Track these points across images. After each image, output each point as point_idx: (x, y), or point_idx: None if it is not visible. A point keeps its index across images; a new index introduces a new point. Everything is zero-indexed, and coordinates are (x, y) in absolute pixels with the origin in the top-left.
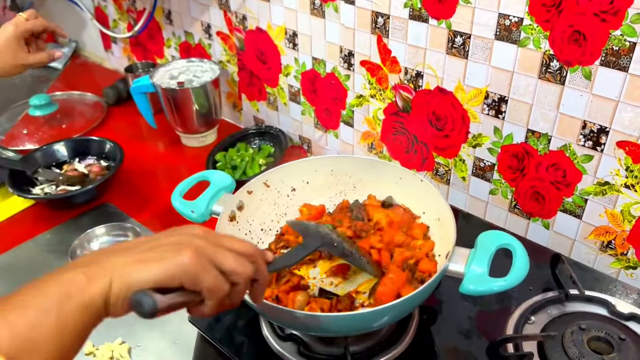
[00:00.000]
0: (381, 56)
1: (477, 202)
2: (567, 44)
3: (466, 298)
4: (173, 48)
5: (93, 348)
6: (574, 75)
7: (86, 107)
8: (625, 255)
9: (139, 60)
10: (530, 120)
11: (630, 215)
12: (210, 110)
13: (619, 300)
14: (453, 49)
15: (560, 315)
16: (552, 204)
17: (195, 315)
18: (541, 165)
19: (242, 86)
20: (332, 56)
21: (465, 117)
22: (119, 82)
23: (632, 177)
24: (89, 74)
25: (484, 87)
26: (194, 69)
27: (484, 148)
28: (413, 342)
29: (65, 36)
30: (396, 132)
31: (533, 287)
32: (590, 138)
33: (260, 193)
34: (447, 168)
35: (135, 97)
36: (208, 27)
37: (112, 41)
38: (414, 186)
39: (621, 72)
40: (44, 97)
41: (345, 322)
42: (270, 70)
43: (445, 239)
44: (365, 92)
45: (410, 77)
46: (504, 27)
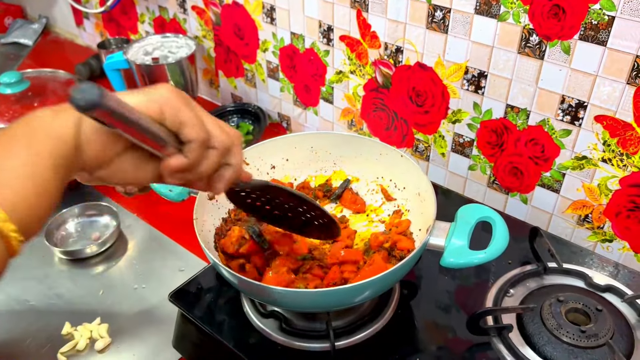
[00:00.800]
0: (361, 31)
1: (456, 178)
2: (546, 18)
3: (445, 273)
4: (147, 23)
5: (71, 329)
6: (553, 50)
7: (58, 85)
8: (602, 229)
9: (112, 36)
10: (509, 96)
11: (607, 189)
12: (186, 87)
13: (596, 272)
14: (433, 24)
15: (538, 288)
16: (531, 179)
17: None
18: (520, 141)
19: (219, 62)
20: (311, 31)
21: (445, 92)
22: (91, 59)
23: (609, 151)
24: (60, 50)
25: (464, 63)
26: (169, 45)
27: (463, 124)
28: (394, 316)
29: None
30: (376, 109)
31: (512, 260)
32: (568, 113)
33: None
34: (427, 144)
35: (108, 73)
36: (183, 2)
37: (84, 17)
38: (394, 162)
39: (600, 47)
40: (15, 75)
41: (326, 298)
42: (248, 45)
43: (426, 214)
44: (344, 68)
45: (390, 53)
46: (484, 1)
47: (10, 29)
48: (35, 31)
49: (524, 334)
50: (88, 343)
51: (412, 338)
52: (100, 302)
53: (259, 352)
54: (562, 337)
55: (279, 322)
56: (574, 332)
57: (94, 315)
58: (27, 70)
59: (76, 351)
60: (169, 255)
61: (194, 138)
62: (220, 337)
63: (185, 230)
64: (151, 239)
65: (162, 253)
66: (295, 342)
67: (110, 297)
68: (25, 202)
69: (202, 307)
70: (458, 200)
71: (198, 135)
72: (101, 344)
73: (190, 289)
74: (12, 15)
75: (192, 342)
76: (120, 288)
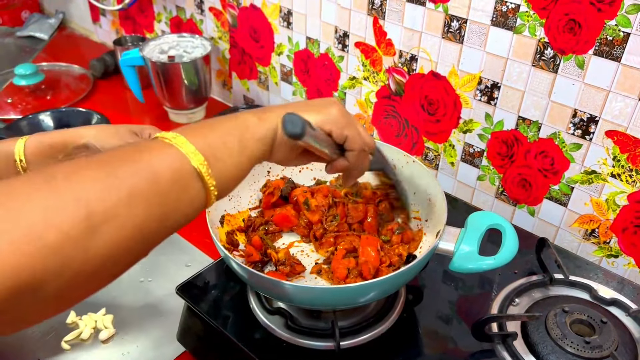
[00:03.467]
0: (376, 38)
1: (464, 188)
2: (562, 32)
3: (450, 281)
4: (164, 23)
5: (76, 318)
6: (567, 64)
7: (72, 79)
8: (608, 244)
9: (127, 34)
10: (521, 107)
11: (615, 205)
12: (199, 87)
13: (601, 286)
14: (449, 34)
15: (544, 298)
16: (539, 191)
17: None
18: (530, 153)
19: (233, 64)
20: (326, 36)
21: (458, 102)
22: (106, 55)
23: (618, 167)
24: (75, 46)
25: (478, 73)
26: (185, 45)
27: (474, 134)
28: (399, 320)
29: None
30: (387, 116)
31: (517, 270)
32: (579, 127)
33: (252, 168)
34: (437, 153)
35: (124, 69)
36: (201, 3)
37: (101, 13)
38: (405, 166)
39: (614, 62)
40: (30, 67)
41: (331, 296)
42: (263, 48)
43: (436, 220)
44: (358, 74)
45: (404, 61)
46: (500, 13)
47: (27, 23)
48: (51, 26)
49: (528, 342)
50: (92, 333)
51: (416, 342)
52: (105, 294)
53: (264, 347)
54: (566, 347)
55: (285, 320)
56: (578, 343)
57: (100, 305)
58: (42, 63)
59: (80, 340)
60: (175, 251)
61: (355, 148)
62: (226, 331)
63: (193, 226)
64: None
65: (169, 248)
66: (300, 340)
67: (116, 289)
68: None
69: (209, 302)
70: (466, 209)
71: (359, 147)
72: (105, 334)
73: (197, 283)
74: (29, 9)
75: (196, 336)
76: (126, 280)
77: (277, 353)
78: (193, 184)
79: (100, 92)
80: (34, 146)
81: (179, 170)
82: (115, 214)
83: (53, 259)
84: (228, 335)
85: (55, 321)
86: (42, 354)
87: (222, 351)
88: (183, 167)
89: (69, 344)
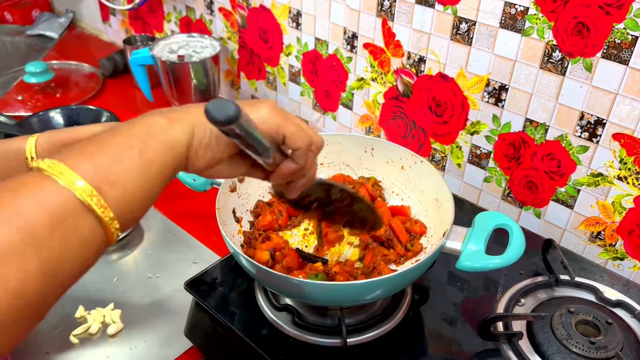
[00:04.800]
0: (385, 39)
1: (471, 189)
2: (570, 35)
3: (455, 282)
4: (173, 23)
5: (85, 312)
6: (575, 67)
7: (81, 77)
8: (614, 247)
9: (137, 33)
10: (529, 110)
11: (621, 207)
12: (208, 87)
13: (607, 287)
14: (457, 35)
15: (549, 299)
16: (545, 194)
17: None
18: (537, 155)
19: (242, 64)
20: (335, 37)
21: (465, 104)
22: (115, 54)
23: (625, 169)
24: (84, 45)
25: (486, 75)
26: (194, 44)
27: (481, 135)
28: (405, 319)
29: None
30: (395, 117)
31: (523, 271)
32: (586, 129)
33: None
34: (444, 154)
35: (133, 68)
36: (210, 3)
37: (111, 13)
38: (413, 167)
39: (622, 65)
40: (41, 65)
41: (338, 292)
42: (272, 49)
43: (442, 220)
44: (366, 75)
45: (412, 62)
46: (509, 16)
47: (37, 22)
48: (61, 25)
49: (534, 342)
50: (101, 327)
51: (421, 341)
52: (114, 289)
53: (271, 343)
54: (571, 348)
55: (292, 316)
56: (583, 343)
57: (108, 301)
58: (52, 61)
59: (89, 334)
60: (183, 248)
61: (300, 146)
62: (233, 327)
63: (201, 224)
64: (167, 231)
65: (177, 245)
66: (306, 336)
67: (124, 284)
68: (130, 203)
69: (217, 297)
70: (472, 210)
71: (303, 143)
72: (113, 328)
73: (206, 279)
74: (39, 8)
75: (204, 332)
76: (135, 276)
77: (284, 349)
78: (83, 223)
79: (109, 91)
80: (46, 143)
81: (60, 211)
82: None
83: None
84: (235, 331)
85: (63, 315)
86: (50, 348)
87: (230, 347)
88: (66, 205)
89: (77, 338)
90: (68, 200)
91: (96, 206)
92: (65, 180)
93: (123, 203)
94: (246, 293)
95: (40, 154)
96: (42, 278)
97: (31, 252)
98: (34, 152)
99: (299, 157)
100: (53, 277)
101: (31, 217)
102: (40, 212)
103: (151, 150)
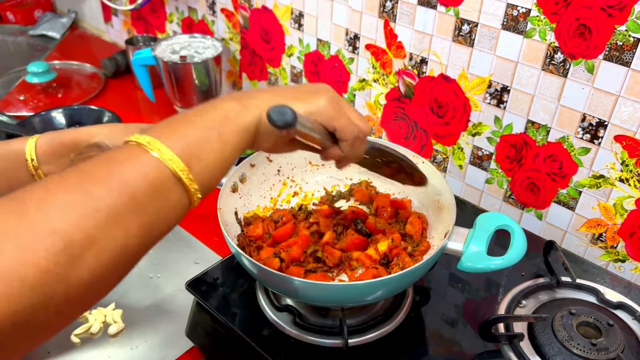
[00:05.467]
0: (387, 41)
1: (472, 191)
2: (572, 37)
3: (456, 284)
4: (175, 23)
5: (86, 312)
6: (577, 68)
7: (83, 78)
8: (615, 249)
9: (139, 34)
10: (530, 111)
11: (623, 209)
12: (210, 87)
13: (608, 289)
14: (459, 37)
15: (550, 301)
16: (547, 195)
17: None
18: (538, 156)
19: (244, 65)
20: (337, 38)
21: (467, 105)
22: (117, 55)
23: (627, 171)
24: (86, 45)
25: (488, 76)
26: (196, 45)
27: (483, 137)
28: (406, 320)
29: None
30: (396, 118)
31: (525, 273)
32: (588, 131)
33: (262, 167)
34: (445, 156)
35: (135, 69)
36: (213, 4)
37: (113, 13)
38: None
39: (623, 67)
40: (43, 65)
41: (339, 293)
42: (274, 50)
43: (444, 221)
44: (368, 76)
45: (414, 63)
46: (511, 17)
47: (40, 22)
48: (63, 25)
49: (535, 343)
50: (102, 327)
51: (422, 342)
52: (115, 289)
53: (272, 344)
54: (572, 349)
55: (293, 317)
56: (584, 345)
57: (109, 300)
58: (54, 61)
59: (90, 334)
60: (185, 248)
61: (348, 138)
62: (235, 327)
63: (202, 224)
64: None
65: (179, 245)
66: (308, 337)
67: (126, 284)
68: (211, 176)
69: (218, 297)
70: (474, 211)
71: (351, 136)
72: (114, 328)
73: (207, 279)
74: (42, 9)
75: (205, 332)
76: (136, 276)
77: (285, 349)
78: (174, 191)
79: (111, 91)
80: (46, 145)
81: (157, 180)
82: (93, 240)
83: (36, 295)
84: (236, 331)
85: None
86: (51, 347)
87: (231, 347)
88: (161, 176)
89: (79, 337)
90: (163, 173)
91: (186, 179)
92: (162, 155)
93: (205, 176)
94: (247, 293)
95: (40, 156)
96: (140, 236)
97: (133, 215)
98: (34, 153)
99: (345, 147)
100: (148, 236)
101: (134, 184)
102: (141, 181)
103: (228, 131)
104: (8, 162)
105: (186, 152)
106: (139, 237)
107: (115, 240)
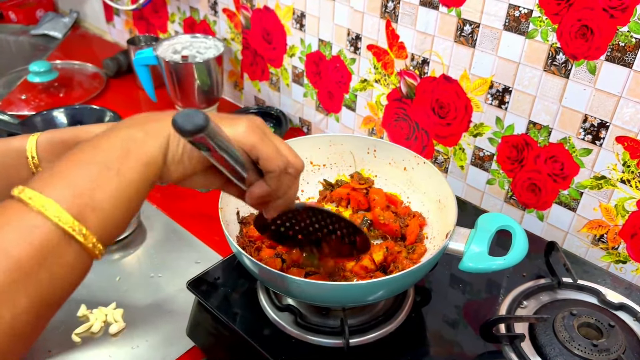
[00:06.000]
0: (389, 41)
1: (473, 192)
2: (574, 38)
3: (457, 285)
4: (177, 23)
5: (87, 311)
6: (579, 69)
7: (85, 77)
8: (616, 250)
9: (141, 34)
10: (532, 112)
11: (624, 210)
12: (211, 88)
13: (609, 290)
14: (461, 38)
15: (551, 302)
16: (548, 196)
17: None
18: (540, 157)
19: (245, 65)
20: (339, 39)
21: (469, 106)
22: (119, 54)
23: (628, 172)
24: (88, 45)
25: (489, 77)
26: (198, 45)
27: (484, 138)
28: (407, 320)
29: None
30: (398, 118)
31: (526, 274)
32: (590, 132)
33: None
34: (447, 156)
35: (137, 68)
36: (214, 4)
37: (115, 13)
38: (416, 168)
39: (626, 68)
40: (45, 64)
41: (341, 293)
42: (275, 50)
43: (445, 221)
44: (370, 76)
45: (416, 64)
46: (513, 18)
47: (42, 22)
48: (65, 25)
49: (536, 344)
50: (103, 326)
51: (423, 342)
52: (116, 288)
53: (273, 343)
54: (573, 350)
55: (294, 317)
56: (585, 346)
57: (110, 300)
58: (56, 61)
59: (91, 333)
60: (185, 248)
61: (272, 169)
62: (236, 327)
63: (203, 224)
64: (169, 231)
65: (180, 245)
66: (309, 337)
67: (127, 283)
68: (112, 223)
69: (219, 297)
70: (475, 212)
71: (277, 167)
72: (115, 328)
73: (208, 279)
74: (44, 8)
75: (206, 331)
76: (137, 276)
77: (286, 349)
78: (68, 252)
79: (112, 91)
80: (46, 143)
81: (45, 244)
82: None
83: None
84: (237, 330)
85: (65, 314)
86: (52, 347)
87: (232, 347)
88: (50, 238)
89: (80, 336)
90: (52, 234)
91: (79, 235)
92: (47, 212)
93: (105, 224)
94: (248, 293)
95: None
96: (33, 310)
97: (20, 288)
98: (35, 151)
99: (271, 180)
100: (43, 307)
101: (17, 253)
102: (26, 247)
103: (129, 170)
104: (9, 159)
105: (77, 203)
106: (32, 312)
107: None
